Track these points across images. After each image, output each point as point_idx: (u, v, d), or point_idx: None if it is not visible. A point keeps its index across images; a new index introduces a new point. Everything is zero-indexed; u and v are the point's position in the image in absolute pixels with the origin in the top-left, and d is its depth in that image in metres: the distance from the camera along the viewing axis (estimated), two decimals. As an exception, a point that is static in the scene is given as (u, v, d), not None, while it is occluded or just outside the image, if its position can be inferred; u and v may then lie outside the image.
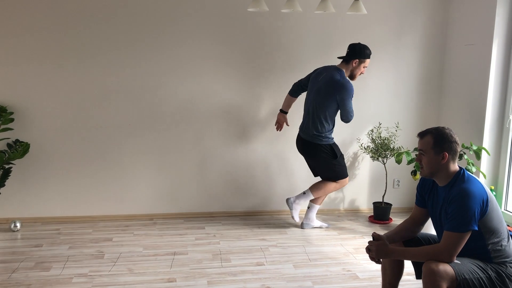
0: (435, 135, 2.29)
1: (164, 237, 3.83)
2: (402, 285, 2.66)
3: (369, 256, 2.39)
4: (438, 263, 2.12)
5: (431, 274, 2.10)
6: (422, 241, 2.46)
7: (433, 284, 2.09)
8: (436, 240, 2.45)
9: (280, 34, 4.26)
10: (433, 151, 2.27)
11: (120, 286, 2.90)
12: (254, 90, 4.31)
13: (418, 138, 2.37)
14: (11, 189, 3.95)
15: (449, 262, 2.15)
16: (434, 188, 2.41)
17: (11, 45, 3.85)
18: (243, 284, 2.98)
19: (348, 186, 4.63)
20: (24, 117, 3.94)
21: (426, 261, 2.17)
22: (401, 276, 2.52)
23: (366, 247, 2.37)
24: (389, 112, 4.57)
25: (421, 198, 2.51)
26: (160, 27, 4.06)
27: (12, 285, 2.88)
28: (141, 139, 4.18)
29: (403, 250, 2.36)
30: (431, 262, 2.14)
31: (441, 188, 2.34)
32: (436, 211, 2.39)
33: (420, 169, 2.37)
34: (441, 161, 2.27)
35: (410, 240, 2.47)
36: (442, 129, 2.31)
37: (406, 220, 2.55)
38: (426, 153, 2.30)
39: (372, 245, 2.34)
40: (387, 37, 4.45)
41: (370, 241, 2.37)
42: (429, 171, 2.32)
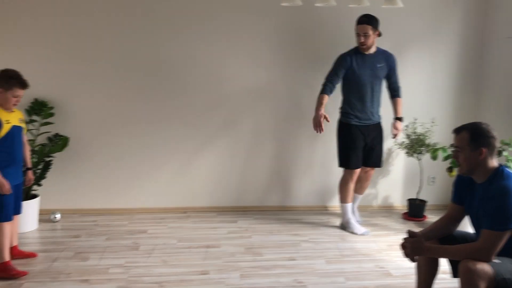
0: (471, 130, 2.23)
1: (198, 230, 3.88)
2: (437, 283, 2.61)
3: (403, 253, 2.35)
4: (476, 262, 2.07)
5: (468, 273, 2.06)
6: (458, 239, 2.41)
7: (470, 283, 2.05)
8: (473, 238, 2.39)
9: (315, 28, 4.23)
10: (470, 148, 2.22)
11: (155, 277, 2.97)
12: (292, 82, 4.31)
13: (453, 134, 2.31)
14: (52, 181, 4.09)
15: (488, 261, 2.10)
16: (472, 185, 2.35)
17: (51, 42, 3.97)
18: (275, 278, 3.00)
19: (382, 182, 4.58)
20: (64, 112, 4.07)
21: (463, 260, 2.12)
22: (436, 275, 2.48)
23: (401, 243, 2.34)
24: (425, 107, 4.47)
25: (458, 195, 2.45)
26: (204, 20, 4.11)
27: (53, 273, 2.99)
28: (175, 134, 4.24)
29: (439, 247, 2.32)
30: (468, 260, 2.09)
31: (479, 185, 2.29)
32: (473, 209, 2.33)
33: (458, 167, 2.32)
34: (478, 157, 2.21)
35: (446, 237, 2.42)
36: (478, 124, 2.25)
37: (442, 218, 2.50)
38: (463, 149, 2.24)
39: (407, 242, 2.31)
40: (423, 31, 4.35)
41: (405, 238, 2.34)
42: (468, 168, 2.27)
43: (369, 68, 3.83)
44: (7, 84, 2.83)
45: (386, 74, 3.91)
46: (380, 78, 3.89)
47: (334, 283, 2.96)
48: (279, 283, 2.92)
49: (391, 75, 3.93)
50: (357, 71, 3.80)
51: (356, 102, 3.87)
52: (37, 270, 3.02)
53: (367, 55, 3.83)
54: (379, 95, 3.93)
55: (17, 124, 2.97)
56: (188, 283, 2.90)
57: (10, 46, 3.92)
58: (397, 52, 4.29)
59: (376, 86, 3.88)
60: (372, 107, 3.90)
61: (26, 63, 3.90)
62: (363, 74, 3.81)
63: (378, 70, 3.85)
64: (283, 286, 2.89)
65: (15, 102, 2.89)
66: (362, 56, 3.83)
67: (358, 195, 4.21)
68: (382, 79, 3.91)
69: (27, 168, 3.24)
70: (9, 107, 2.90)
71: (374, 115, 3.93)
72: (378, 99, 3.94)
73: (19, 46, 3.93)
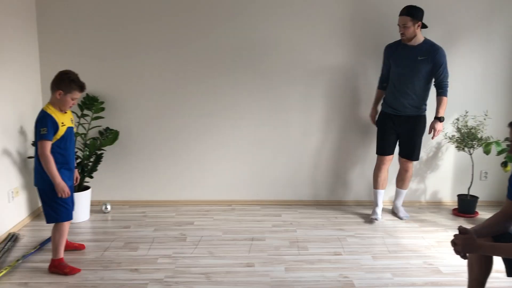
0: None
1: (242, 222, 3.92)
2: (490, 282, 2.52)
3: (454, 250, 2.28)
4: (533, 261, 1.98)
5: (525, 272, 1.97)
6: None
7: (526, 282, 1.97)
8: (531, 237, 2.29)
9: (388, 16, 4.16)
10: (526, 142, 2.12)
11: (201, 268, 3.03)
12: (345, 82, 4.27)
13: (509, 128, 2.21)
14: (103, 174, 4.24)
15: (546, 260, 2.00)
16: (529, 180, 2.25)
17: (101, 39, 4.10)
18: (320, 272, 2.99)
19: (431, 177, 4.45)
20: (114, 106, 4.20)
21: (519, 258, 2.04)
22: (489, 273, 2.39)
23: (452, 240, 2.26)
24: (477, 99, 4.31)
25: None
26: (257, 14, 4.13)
27: (105, 262, 3.10)
28: (221, 128, 4.29)
29: (493, 245, 2.23)
30: (525, 259, 2.00)
31: (537, 181, 2.18)
32: (530, 206, 2.23)
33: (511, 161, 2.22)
34: (535, 152, 2.11)
35: (501, 235, 2.33)
36: None
37: (497, 214, 2.40)
38: (519, 144, 2.15)
39: (458, 238, 2.23)
40: (475, 20, 4.18)
41: (456, 235, 2.26)
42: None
43: (408, 59, 3.79)
44: (68, 87, 2.83)
45: (431, 68, 3.77)
46: (421, 71, 3.77)
47: (380, 279, 2.91)
48: (324, 278, 2.91)
49: (435, 70, 3.77)
50: (395, 62, 3.87)
51: (391, 91, 3.94)
52: (90, 258, 3.15)
53: (410, 46, 3.79)
54: (419, 88, 3.83)
55: (70, 125, 2.99)
56: (234, 274, 2.93)
57: (62, 44, 4.08)
58: (449, 43, 4.16)
59: (415, 78, 3.80)
60: (406, 98, 3.85)
61: (77, 60, 4.07)
62: (400, 65, 3.83)
63: (418, 62, 3.76)
64: (328, 281, 2.87)
65: (71, 104, 2.90)
66: (404, 47, 3.82)
67: (400, 189, 4.13)
68: (426, 72, 3.78)
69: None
70: (65, 109, 2.92)
71: (408, 107, 3.87)
72: (417, 92, 3.84)
73: (70, 44, 4.09)
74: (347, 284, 2.83)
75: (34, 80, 4.04)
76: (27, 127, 3.89)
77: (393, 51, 3.90)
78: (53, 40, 4.07)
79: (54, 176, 2.79)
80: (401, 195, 4.15)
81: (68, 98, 2.85)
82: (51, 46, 4.08)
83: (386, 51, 3.97)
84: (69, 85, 2.83)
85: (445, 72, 3.78)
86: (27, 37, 3.89)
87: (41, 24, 4.04)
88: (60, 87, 2.83)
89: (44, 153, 2.78)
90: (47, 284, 2.77)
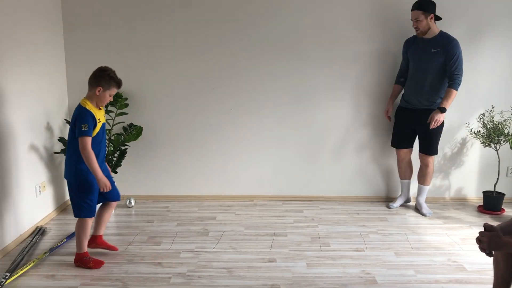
0: None
1: (264, 218, 3.93)
2: (516, 280, 2.48)
3: (479, 247, 2.24)
4: (561, 259, 1.94)
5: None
6: (542, 234, 2.26)
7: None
8: (559, 234, 2.23)
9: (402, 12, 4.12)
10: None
11: (223, 263, 3.05)
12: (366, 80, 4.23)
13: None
14: (127, 169, 4.31)
15: None
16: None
17: (126, 35, 4.16)
18: (342, 268, 2.98)
19: (455, 173, 4.39)
20: (137, 102, 4.25)
21: (546, 256, 1.99)
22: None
23: (477, 237, 2.23)
24: (504, 94, 4.21)
25: (542, 188, 2.29)
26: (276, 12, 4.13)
27: (129, 256, 3.16)
28: (243, 124, 4.31)
29: (520, 243, 2.18)
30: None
31: None
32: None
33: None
34: None
35: (528, 233, 2.28)
36: None
37: (523, 211, 2.35)
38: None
39: (483, 235, 2.19)
40: (501, 13, 4.08)
41: (482, 232, 2.22)
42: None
43: (422, 52, 3.82)
44: (108, 84, 2.87)
45: (444, 60, 3.75)
46: (436, 63, 3.77)
47: (403, 275, 2.89)
48: (346, 274, 2.90)
49: (447, 61, 3.73)
50: (411, 55, 3.92)
51: (408, 85, 4.00)
52: (114, 252, 3.20)
53: (424, 39, 3.84)
54: (435, 81, 3.83)
55: (104, 121, 3.03)
56: (256, 269, 2.95)
57: (87, 41, 4.15)
58: (473, 37, 4.09)
59: (430, 72, 3.81)
60: (421, 92, 3.88)
61: (102, 57, 4.13)
62: (415, 58, 3.89)
63: (432, 55, 3.77)
64: (350, 277, 2.86)
65: (108, 100, 2.95)
66: (420, 41, 3.87)
67: (422, 185, 4.10)
68: (440, 64, 3.77)
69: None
70: (102, 105, 2.95)
71: (423, 101, 3.89)
72: (433, 85, 3.84)
73: (95, 41, 4.15)
74: (369, 281, 2.81)
75: (60, 77, 4.13)
76: (54, 123, 3.98)
77: (410, 45, 3.95)
78: (78, 36, 4.14)
79: (95, 171, 2.82)
80: (423, 191, 4.11)
81: (107, 94, 2.90)
82: (76, 43, 4.15)
83: (404, 45, 4.02)
84: (109, 82, 2.87)
85: (458, 65, 3.72)
86: (53, 34, 3.97)
87: (67, 20, 4.12)
88: (100, 83, 2.86)
89: (86, 149, 2.79)
90: (73, 277, 2.83)
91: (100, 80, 2.86)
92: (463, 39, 4.04)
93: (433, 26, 3.78)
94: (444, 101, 3.78)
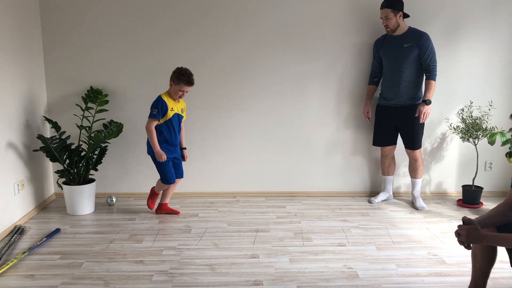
0: None
1: (247, 214, 3.93)
2: (494, 272, 2.53)
3: (458, 240, 2.28)
4: (537, 251, 1.98)
5: (528, 262, 1.97)
6: (519, 227, 2.30)
7: (530, 272, 1.96)
8: (535, 227, 2.28)
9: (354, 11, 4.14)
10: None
11: (206, 259, 3.04)
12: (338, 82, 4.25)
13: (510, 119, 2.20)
14: (107, 167, 4.26)
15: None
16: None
17: (105, 31, 4.10)
18: (324, 263, 2.99)
19: (435, 168, 4.45)
20: (118, 99, 4.21)
21: (523, 248, 2.03)
22: (493, 263, 2.39)
23: (456, 231, 2.26)
24: (482, 89, 4.28)
25: (518, 181, 2.34)
26: (242, 8, 4.11)
27: (111, 254, 3.13)
28: (225, 120, 4.29)
29: (497, 235, 2.22)
30: (529, 249, 2.00)
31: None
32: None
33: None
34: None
35: (505, 225, 2.32)
36: None
37: (501, 204, 2.39)
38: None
39: (462, 229, 2.23)
40: (480, 10, 4.14)
41: (460, 225, 2.26)
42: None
43: (395, 49, 3.90)
44: (177, 80, 3.51)
45: (418, 53, 3.83)
46: (409, 58, 3.86)
47: (385, 269, 2.92)
48: (329, 269, 2.92)
49: (421, 54, 3.83)
50: (384, 53, 3.98)
51: (385, 83, 4.05)
52: (95, 250, 3.17)
53: (395, 36, 3.92)
54: (411, 75, 3.91)
55: (179, 112, 3.67)
56: (239, 266, 2.95)
57: (66, 37, 4.09)
58: (452, 33, 4.14)
59: (405, 67, 3.89)
60: (399, 87, 3.94)
61: (81, 53, 4.08)
62: (389, 55, 3.95)
63: (405, 50, 3.85)
64: (332, 272, 2.88)
65: (180, 95, 3.57)
66: (391, 38, 3.95)
67: (414, 179, 4.17)
68: (414, 59, 3.85)
69: (183, 148, 3.91)
70: (175, 98, 3.60)
71: (403, 96, 3.96)
72: (409, 79, 3.91)
73: (74, 38, 4.09)
74: (351, 275, 2.84)
75: (39, 74, 4.05)
76: (33, 121, 3.91)
77: (381, 44, 4.02)
78: (57, 32, 4.07)
79: (154, 145, 3.58)
80: (416, 184, 4.18)
81: (177, 89, 3.55)
82: (55, 39, 4.08)
83: (375, 45, 4.09)
84: (178, 78, 3.51)
85: (431, 56, 3.84)
86: (31, 30, 3.90)
87: (45, 17, 4.04)
88: (172, 78, 3.56)
89: (149, 128, 3.56)
90: (53, 276, 2.79)
91: (172, 76, 3.55)
92: (442, 36, 4.11)
93: (402, 23, 3.87)
94: (426, 93, 3.86)
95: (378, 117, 4.16)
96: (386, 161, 4.23)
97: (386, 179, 4.28)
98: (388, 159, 4.22)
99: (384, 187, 4.31)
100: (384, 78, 4.06)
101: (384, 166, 4.25)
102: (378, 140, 4.19)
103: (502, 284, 2.70)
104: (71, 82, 4.13)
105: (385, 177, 4.28)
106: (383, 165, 4.26)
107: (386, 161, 4.23)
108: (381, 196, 4.28)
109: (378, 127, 4.16)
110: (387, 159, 4.22)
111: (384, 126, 4.11)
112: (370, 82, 4.18)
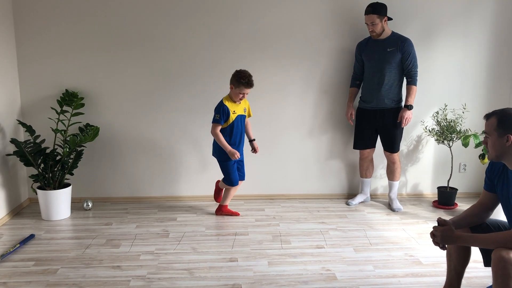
0: (500, 116, 2.16)
1: (225, 217, 3.92)
2: (468, 272, 2.58)
3: (433, 241, 2.32)
4: (509, 251, 2.02)
5: (501, 262, 2.01)
6: (491, 227, 2.35)
7: (503, 272, 2.00)
8: (507, 227, 2.34)
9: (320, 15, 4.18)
10: (497, 133, 2.16)
11: (184, 264, 3.02)
12: (304, 83, 4.28)
13: (484, 120, 2.26)
14: (83, 171, 4.20)
15: (521, 250, 2.04)
16: (504, 172, 2.29)
17: (81, 33, 4.04)
18: (303, 266, 3.01)
19: (411, 170, 4.51)
20: (94, 102, 4.15)
21: (496, 249, 2.08)
22: (467, 263, 2.43)
23: (431, 232, 2.30)
24: (456, 93, 4.37)
25: (490, 182, 2.39)
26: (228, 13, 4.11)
27: (87, 259, 3.07)
28: (202, 123, 4.27)
29: (470, 236, 2.26)
30: (501, 249, 2.04)
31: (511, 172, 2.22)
32: (506, 196, 2.27)
33: (487, 152, 2.26)
34: (505, 143, 2.15)
35: (478, 226, 2.37)
36: (508, 110, 2.18)
37: (474, 205, 2.45)
38: (490, 135, 2.19)
39: (437, 230, 2.27)
40: (454, 14, 4.23)
41: (435, 226, 2.30)
42: (494, 154, 2.21)
43: (378, 53, 3.93)
44: (237, 83, 3.55)
45: (400, 58, 3.88)
46: (391, 62, 3.90)
47: (362, 271, 2.94)
48: (307, 271, 2.93)
49: (404, 59, 3.89)
50: (367, 56, 4.01)
51: (367, 86, 4.08)
52: (71, 256, 3.11)
53: (379, 40, 3.96)
54: (392, 79, 3.95)
55: (241, 113, 3.73)
56: (217, 270, 2.93)
57: (40, 39, 4.01)
58: (427, 38, 4.22)
59: (387, 71, 3.93)
60: (380, 90, 3.98)
61: (57, 55, 4.01)
62: (371, 59, 3.98)
63: (387, 54, 3.89)
64: (310, 274, 2.89)
65: (241, 97, 3.62)
66: (374, 41, 3.98)
67: (391, 181, 4.22)
68: (396, 64, 3.90)
69: (252, 140, 3.95)
70: (236, 100, 3.64)
71: (384, 100, 4.00)
72: (390, 83, 3.96)
73: (49, 40, 4.02)
74: (329, 277, 2.85)
75: (12, 77, 3.96)
76: (5, 124, 3.82)
77: (364, 47, 4.05)
78: (31, 33, 4.00)
79: (224, 146, 3.66)
80: (393, 186, 4.24)
81: (237, 92, 3.59)
82: (28, 40, 4.00)
83: (357, 48, 4.11)
84: (238, 81, 3.55)
85: (413, 62, 3.90)
86: (3, 32, 3.81)
87: (18, 16, 3.96)
88: (232, 82, 3.60)
89: (215, 132, 3.66)
90: (26, 283, 2.73)
91: (232, 79, 3.60)
92: (417, 39, 4.17)
93: (386, 27, 3.92)
94: (408, 98, 3.92)
95: (358, 120, 4.18)
96: (365, 164, 4.26)
97: (364, 181, 4.32)
98: (367, 161, 4.25)
99: (361, 189, 4.35)
100: (365, 81, 4.09)
101: (363, 169, 4.29)
102: (359, 144, 4.21)
103: (475, 283, 2.76)
104: (46, 84, 4.06)
105: (363, 179, 4.32)
106: (362, 167, 4.29)
107: (365, 163, 4.26)
108: (359, 198, 4.32)
109: (359, 130, 4.18)
110: (365, 161, 4.25)
111: (365, 129, 4.14)
112: (352, 85, 4.19)
